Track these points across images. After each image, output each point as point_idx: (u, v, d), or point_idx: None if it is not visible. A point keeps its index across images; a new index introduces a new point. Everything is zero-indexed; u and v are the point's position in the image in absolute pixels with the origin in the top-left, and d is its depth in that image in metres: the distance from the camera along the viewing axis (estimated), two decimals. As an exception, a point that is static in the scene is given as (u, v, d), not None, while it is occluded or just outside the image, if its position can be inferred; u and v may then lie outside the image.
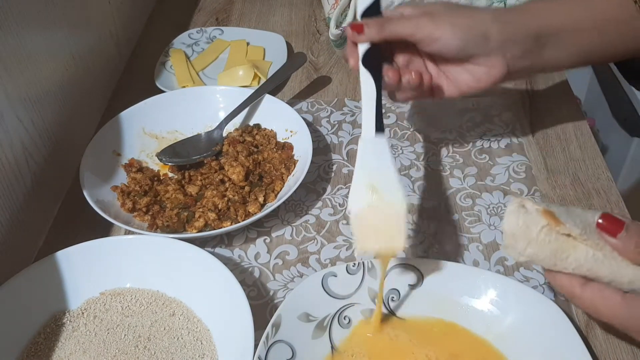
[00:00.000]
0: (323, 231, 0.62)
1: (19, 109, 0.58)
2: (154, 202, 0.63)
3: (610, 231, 0.41)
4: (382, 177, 0.48)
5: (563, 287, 0.44)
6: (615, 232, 0.41)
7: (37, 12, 0.62)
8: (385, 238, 0.47)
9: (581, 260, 0.42)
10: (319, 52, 0.87)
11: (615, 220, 0.42)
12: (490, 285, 0.52)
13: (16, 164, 0.58)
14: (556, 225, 0.42)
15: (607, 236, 0.42)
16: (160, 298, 0.55)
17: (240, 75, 0.79)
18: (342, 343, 0.51)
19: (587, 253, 0.42)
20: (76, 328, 0.53)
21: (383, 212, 0.47)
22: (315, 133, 0.73)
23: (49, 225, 0.64)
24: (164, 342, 0.51)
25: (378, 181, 0.48)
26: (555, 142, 0.70)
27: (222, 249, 0.61)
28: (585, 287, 0.43)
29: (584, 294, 0.43)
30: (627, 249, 0.41)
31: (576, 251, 0.42)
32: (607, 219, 0.42)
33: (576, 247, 0.42)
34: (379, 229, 0.47)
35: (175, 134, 0.72)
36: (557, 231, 0.42)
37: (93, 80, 0.76)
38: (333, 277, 0.53)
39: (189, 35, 0.89)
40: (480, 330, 0.51)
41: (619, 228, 0.41)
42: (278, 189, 0.64)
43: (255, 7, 0.98)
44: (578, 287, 0.43)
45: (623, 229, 0.41)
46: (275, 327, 0.49)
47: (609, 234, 0.41)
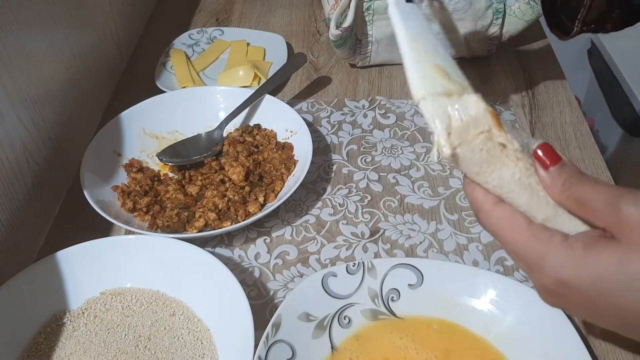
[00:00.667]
0: (323, 231, 0.62)
1: (20, 109, 0.58)
2: (155, 202, 0.63)
3: (544, 162, 0.39)
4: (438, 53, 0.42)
5: (476, 200, 0.41)
6: (549, 166, 0.39)
7: (37, 12, 0.62)
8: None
9: (505, 179, 0.39)
10: (319, 52, 0.87)
11: (553, 154, 0.39)
12: (490, 285, 0.52)
13: (17, 164, 0.58)
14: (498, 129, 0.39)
15: (539, 166, 0.39)
16: (161, 298, 0.55)
17: (240, 75, 0.79)
18: (342, 343, 0.51)
19: (514, 174, 0.39)
20: (76, 328, 0.53)
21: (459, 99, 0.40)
22: (316, 133, 0.73)
23: (49, 225, 0.64)
24: (164, 342, 0.51)
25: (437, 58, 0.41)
26: (555, 142, 0.70)
27: (222, 249, 0.61)
28: (497, 205, 0.40)
29: (493, 212, 0.40)
30: (554, 185, 0.39)
31: (503, 169, 0.39)
32: (546, 149, 0.39)
33: (505, 165, 0.39)
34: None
35: (176, 134, 0.72)
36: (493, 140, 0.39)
37: (94, 80, 0.76)
38: (333, 277, 0.53)
39: (190, 36, 0.89)
40: (480, 330, 0.51)
41: (554, 162, 0.39)
42: (278, 189, 0.64)
43: (256, 8, 0.98)
44: (490, 203, 0.40)
45: (558, 164, 0.39)
46: (276, 327, 0.49)
47: (542, 165, 0.39)
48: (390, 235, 0.61)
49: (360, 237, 0.61)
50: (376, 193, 0.65)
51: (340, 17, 0.73)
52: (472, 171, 0.40)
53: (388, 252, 0.59)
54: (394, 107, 0.76)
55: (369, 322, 0.52)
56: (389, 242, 0.60)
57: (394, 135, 0.72)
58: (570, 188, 0.38)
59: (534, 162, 0.39)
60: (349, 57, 0.81)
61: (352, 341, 0.51)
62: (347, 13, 0.74)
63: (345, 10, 0.74)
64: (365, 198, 0.65)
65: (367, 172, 0.68)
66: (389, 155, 0.70)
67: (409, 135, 0.72)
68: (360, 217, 0.63)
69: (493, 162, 0.39)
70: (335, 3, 0.77)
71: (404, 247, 0.59)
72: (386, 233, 0.61)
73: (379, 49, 0.80)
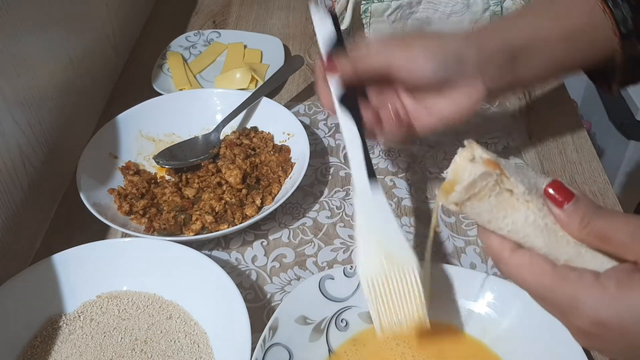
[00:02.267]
0: (320, 234, 0.62)
1: (16, 112, 0.58)
2: (151, 204, 0.63)
3: (557, 201, 0.37)
4: (388, 237, 0.47)
5: (492, 249, 0.40)
6: (562, 203, 0.37)
7: (34, 15, 0.62)
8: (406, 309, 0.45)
9: (518, 224, 0.38)
10: (317, 55, 0.87)
11: (565, 190, 0.37)
12: (487, 288, 0.52)
13: (13, 167, 0.57)
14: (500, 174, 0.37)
15: (552, 205, 0.38)
16: (157, 301, 0.55)
17: (237, 78, 0.79)
18: (339, 346, 0.51)
19: (527, 218, 0.37)
20: (73, 331, 0.53)
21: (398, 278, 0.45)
22: (313, 136, 0.73)
23: (45, 228, 0.64)
24: (161, 345, 0.51)
25: (386, 243, 0.46)
26: (552, 145, 0.70)
27: (219, 252, 0.61)
28: (514, 252, 0.38)
29: (512, 259, 0.38)
30: (571, 223, 0.37)
31: (514, 213, 0.38)
32: (557, 186, 0.38)
33: (516, 208, 0.38)
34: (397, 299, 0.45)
35: (173, 136, 0.72)
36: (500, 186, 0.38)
37: (90, 83, 0.76)
38: (330, 280, 0.53)
39: (187, 38, 0.89)
40: (477, 332, 0.51)
41: (568, 199, 0.37)
42: (275, 192, 0.64)
43: (253, 10, 0.98)
44: (508, 250, 0.38)
45: (572, 201, 0.37)
46: (273, 330, 0.49)
47: (555, 204, 0.37)
48: (387, 238, 0.61)
49: (358, 240, 0.61)
50: (373, 196, 0.65)
51: (337, 19, 0.73)
52: (483, 220, 0.39)
53: (385, 255, 0.59)
54: (391, 110, 0.76)
55: (366, 325, 0.52)
56: (386, 244, 0.60)
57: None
58: (589, 224, 0.37)
59: (547, 202, 0.38)
60: (346, 59, 0.80)
61: (349, 344, 0.51)
62: (344, 15, 0.74)
63: (342, 13, 0.74)
64: (362, 201, 0.65)
65: (364, 175, 0.68)
66: (386, 158, 0.70)
67: (406, 137, 0.72)
68: (357, 219, 0.63)
69: (503, 208, 0.38)
70: (332, 5, 0.77)
71: (401, 249, 0.59)
72: (383, 236, 0.61)
73: (376, 52, 0.80)
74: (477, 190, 0.37)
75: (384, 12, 0.76)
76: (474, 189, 0.37)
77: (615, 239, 0.36)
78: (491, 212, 0.38)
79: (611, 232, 0.36)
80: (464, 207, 0.38)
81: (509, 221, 0.38)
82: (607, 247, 0.37)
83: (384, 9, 0.76)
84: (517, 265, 0.38)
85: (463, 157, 0.38)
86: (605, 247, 0.37)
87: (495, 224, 0.38)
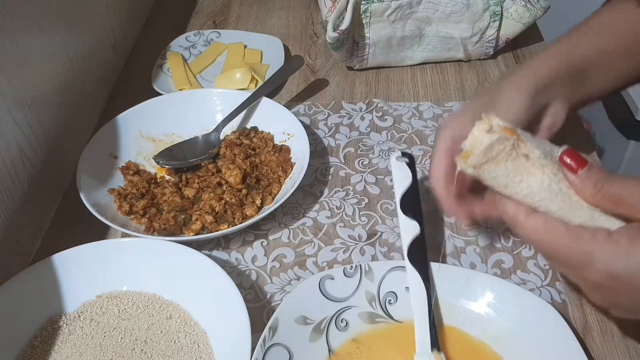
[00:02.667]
0: (320, 234, 0.62)
1: (16, 112, 0.58)
2: (151, 204, 0.63)
3: (571, 167, 0.40)
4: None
5: (508, 214, 0.42)
6: (577, 169, 0.40)
7: (34, 15, 0.62)
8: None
9: (534, 188, 0.39)
10: (316, 55, 0.87)
11: (579, 157, 0.40)
12: (487, 287, 0.52)
13: (13, 167, 0.57)
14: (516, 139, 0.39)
15: (567, 172, 0.40)
16: (157, 301, 0.55)
17: (237, 78, 0.79)
18: (339, 346, 0.51)
19: (542, 182, 0.39)
20: (72, 331, 0.53)
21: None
22: (313, 136, 0.73)
23: (45, 228, 0.64)
24: (161, 345, 0.51)
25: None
26: (552, 145, 0.70)
27: (219, 252, 0.61)
28: (530, 215, 0.40)
29: (527, 222, 0.40)
30: (584, 187, 0.39)
31: (530, 177, 0.39)
32: (571, 154, 0.40)
33: (532, 173, 0.39)
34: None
35: (173, 136, 0.72)
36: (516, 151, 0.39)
37: (90, 82, 0.76)
38: (330, 280, 0.53)
39: (187, 38, 0.89)
40: (477, 332, 0.51)
41: (582, 165, 0.40)
42: (275, 192, 0.64)
43: (253, 10, 0.98)
44: (523, 214, 0.41)
45: (586, 167, 0.39)
46: (273, 330, 0.49)
47: (569, 170, 0.40)
48: (387, 238, 0.61)
49: (358, 240, 0.61)
50: (373, 196, 0.65)
51: (337, 19, 0.73)
52: (500, 184, 0.40)
53: (385, 255, 0.59)
54: (391, 110, 0.76)
55: (366, 325, 0.52)
56: (386, 244, 0.60)
57: (391, 137, 0.72)
58: (602, 188, 0.39)
59: (561, 168, 0.40)
60: (346, 59, 0.81)
61: (349, 344, 0.51)
62: (345, 15, 0.74)
63: (342, 13, 0.74)
64: (362, 201, 0.65)
65: (364, 175, 0.68)
66: (386, 158, 0.70)
67: (406, 137, 0.72)
68: (357, 219, 0.63)
69: (520, 172, 0.39)
70: (332, 5, 0.77)
71: (402, 249, 0.59)
72: (383, 236, 0.61)
73: (376, 52, 0.80)
74: (494, 154, 0.39)
75: (384, 12, 0.76)
76: (492, 152, 0.39)
77: (628, 201, 0.38)
78: (508, 177, 0.39)
79: (624, 195, 0.38)
80: (482, 170, 0.39)
81: (525, 185, 0.39)
82: (619, 209, 0.39)
83: (384, 9, 0.76)
84: (533, 227, 0.40)
85: (480, 129, 0.40)
86: (618, 209, 0.39)
87: (511, 189, 0.40)
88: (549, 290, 0.55)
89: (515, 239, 0.58)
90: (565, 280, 0.56)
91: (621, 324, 0.52)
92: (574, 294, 0.55)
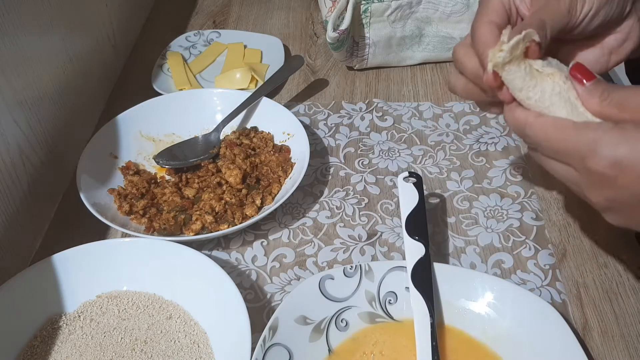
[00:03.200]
0: (320, 234, 0.62)
1: (16, 112, 0.58)
2: (151, 204, 0.63)
3: (579, 79, 0.42)
4: None
5: (518, 119, 0.43)
6: (584, 81, 0.41)
7: (34, 15, 0.62)
8: None
9: (546, 93, 0.42)
10: (316, 55, 0.87)
11: (587, 71, 0.42)
12: (487, 287, 0.52)
13: (13, 167, 0.57)
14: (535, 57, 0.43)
15: (576, 84, 0.42)
16: (157, 301, 0.55)
17: (237, 78, 0.79)
18: (339, 346, 0.51)
19: (554, 88, 0.42)
20: (72, 331, 0.53)
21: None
22: (313, 136, 0.73)
23: (45, 228, 0.64)
24: (161, 345, 0.51)
25: None
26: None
27: (219, 252, 0.61)
28: (539, 116, 0.42)
29: (537, 121, 0.42)
30: (591, 97, 0.41)
31: (544, 83, 0.42)
32: (580, 67, 0.42)
33: (545, 80, 0.42)
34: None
35: (173, 136, 0.72)
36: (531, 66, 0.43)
37: (90, 82, 0.76)
38: (330, 280, 0.53)
39: (187, 38, 0.89)
40: (477, 333, 0.51)
41: (589, 78, 0.41)
42: (275, 192, 0.64)
43: (253, 10, 0.98)
44: (533, 116, 0.42)
45: (593, 79, 0.41)
46: (273, 330, 0.49)
47: (578, 82, 0.42)
48: (387, 238, 0.61)
49: (358, 240, 0.61)
50: (373, 196, 0.65)
51: (337, 19, 0.73)
52: (516, 86, 0.43)
53: (385, 255, 0.59)
54: (391, 110, 0.76)
55: (366, 325, 0.52)
56: (386, 244, 0.60)
57: (391, 137, 0.72)
58: (608, 97, 0.40)
59: (571, 81, 0.42)
60: (346, 59, 0.81)
61: (349, 344, 0.51)
62: (345, 15, 0.74)
63: (342, 13, 0.74)
64: (362, 201, 0.65)
65: (364, 175, 0.68)
66: (386, 158, 0.70)
67: (406, 137, 0.72)
68: (357, 219, 0.63)
69: (534, 77, 0.42)
70: (332, 5, 0.77)
71: (401, 250, 0.59)
72: (383, 236, 0.61)
73: (376, 52, 0.80)
74: (519, 52, 0.42)
75: (384, 12, 0.76)
76: (517, 50, 0.42)
77: (632, 104, 0.39)
78: (524, 80, 0.42)
79: (628, 100, 0.40)
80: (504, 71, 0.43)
81: (539, 90, 0.42)
82: (625, 114, 0.40)
83: (384, 9, 0.76)
84: (541, 124, 0.42)
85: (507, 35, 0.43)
86: (624, 114, 0.40)
87: (525, 93, 0.43)
88: (549, 290, 0.55)
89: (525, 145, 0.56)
90: (564, 279, 0.56)
91: (621, 324, 0.52)
92: (574, 294, 0.55)
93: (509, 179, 0.66)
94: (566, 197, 0.64)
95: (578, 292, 0.55)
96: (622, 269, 0.57)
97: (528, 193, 0.64)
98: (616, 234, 0.59)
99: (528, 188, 0.65)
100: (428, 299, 0.50)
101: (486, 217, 0.62)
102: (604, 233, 0.60)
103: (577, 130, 0.40)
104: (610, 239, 0.59)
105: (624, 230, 0.59)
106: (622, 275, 0.56)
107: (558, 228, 0.61)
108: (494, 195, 0.64)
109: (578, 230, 0.61)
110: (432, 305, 0.50)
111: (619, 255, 0.58)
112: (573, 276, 0.57)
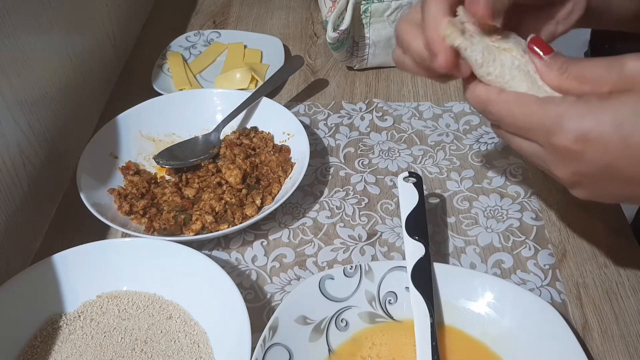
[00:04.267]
0: (320, 234, 0.62)
1: (16, 112, 0.58)
2: (151, 204, 0.63)
3: (537, 54, 0.41)
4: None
5: (480, 96, 0.43)
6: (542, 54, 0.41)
7: (34, 15, 0.62)
8: None
9: (506, 66, 0.42)
10: (316, 55, 0.87)
11: (545, 45, 0.42)
12: (487, 287, 0.52)
13: (13, 167, 0.58)
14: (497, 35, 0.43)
15: (534, 57, 0.41)
16: (157, 301, 0.55)
17: (237, 78, 0.79)
18: (339, 346, 0.51)
19: (513, 61, 0.42)
20: (73, 331, 0.53)
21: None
22: (313, 136, 0.73)
23: (45, 227, 0.64)
24: (161, 345, 0.51)
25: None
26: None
27: (219, 252, 0.61)
28: (502, 92, 0.42)
29: (500, 96, 0.42)
30: (550, 71, 0.40)
31: (502, 56, 0.42)
32: (538, 41, 0.42)
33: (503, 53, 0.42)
34: None
35: (173, 136, 0.72)
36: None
37: (90, 82, 0.76)
38: (330, 280, 0.53)
39: (187, 38, 0.89)
40: (477, 333, 0.51)
41: (547, 52, 0.41)
42: (275, 192, 0.64)
43: (253, 10, 0.98)
44: (495, 92, 0.42)
45: (551, 53, 0.41)
46: (273, 330, 0.49)
47: (536, 56, 0.41)
48: (387, 238, 0.61)
49: (358, 240, 0.61)
50: (373, 196, 0.65)
51: (337, 19, 0.73)
52: (477, 62, 0.42)
53: (385, 255, 0.59)
54: (391, 110, 0.76)
55: (366, 325, 0.52)
56: (386, 244, 0.60)
57: (391, 137, 0.72)
58: (567, 70, 0.40)
59: (530, 55, 0.41)
60: (346, 59, 0.81)
61: (349, 344, 0.51)
62: (345, 16, 0.74)
63: (342, 13, 0.74)
64: (362, 201, 0.65)
65: (364, 175, 0.68)
66: (386, 158, 0.70)
67: (406, 137, 0.72)
68: (357, 219, 0.63)
69: (492, 50, 0.42)
70: (332, 6, 0.77)
71: (401, 250, 0.59)
72: (383, 236, 0.61)
73: (376, 52, 0.80)
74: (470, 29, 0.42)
75: (384, 12, 0.76)
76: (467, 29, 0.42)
77: (591, 76, 0.39)
78: (483, 54, 0.42)
79: (587, 71, 0.39)
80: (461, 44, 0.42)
81: (498, 64, 0.42)
82: (584, 86, 0.39)
83: (384, 9, 0.76)
84: (504, 101, 0.41)
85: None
86: (583, 87, 0.39)
87: (485, 69, 0.42)
88: (549, 290, 0.55)
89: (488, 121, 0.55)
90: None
91: (621, 324, 0.52)
92: (573, 294, 0.55)
93: (509, 179, 0.66)
94: (566, 197, 0.64)
95: (578, 292, 0.55)
96: (622, 269, 0.57)
97: (528, 193, 0.64)
98: (616, 234, 0.59)
99: (528, 188, 0.65)
100: (428, 299, 0.50)
101: (486, 217, 0.62)
102: (603, 233, 0.60)
103: (541, 105, 0.39)
104: (610, 239, 0.59)
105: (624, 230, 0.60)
106: (622, 275, 0.56)
107: (558, 228, 0.61)
108: (493, 195, 0.64)
109: (578, 230, 0.61)
110: (432, 305, 0.50)
111: (619, 255, 0.58)
112: (573, 276, 0.57)
